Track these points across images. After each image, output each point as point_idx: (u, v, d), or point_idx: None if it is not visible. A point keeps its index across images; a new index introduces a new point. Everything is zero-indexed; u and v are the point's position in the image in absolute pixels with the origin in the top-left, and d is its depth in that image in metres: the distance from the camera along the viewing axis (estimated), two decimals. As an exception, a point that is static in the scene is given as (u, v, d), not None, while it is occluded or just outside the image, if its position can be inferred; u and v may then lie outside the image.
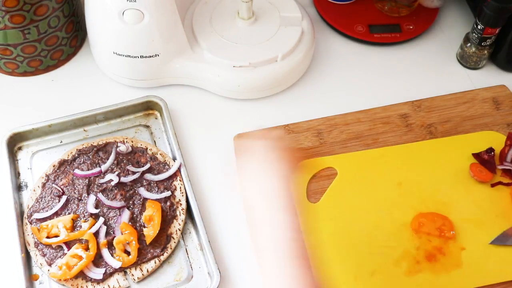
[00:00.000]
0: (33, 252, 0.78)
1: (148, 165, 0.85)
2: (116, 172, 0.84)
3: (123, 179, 0.83)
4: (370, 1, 1.07)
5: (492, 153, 0.87)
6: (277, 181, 0.64)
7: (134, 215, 0.81)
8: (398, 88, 0.98)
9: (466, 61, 1.01)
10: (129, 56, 0.90)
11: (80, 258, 0.76)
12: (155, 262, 0.78)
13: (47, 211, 0.80)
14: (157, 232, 0.78)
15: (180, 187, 0.84)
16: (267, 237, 0.63)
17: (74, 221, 0.80)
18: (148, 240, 0.78)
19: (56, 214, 0.80)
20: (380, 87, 0.99)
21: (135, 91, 0.95)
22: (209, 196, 0.85)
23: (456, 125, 0.92)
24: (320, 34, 1.05)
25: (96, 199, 0.81)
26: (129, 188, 0.83)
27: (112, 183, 0.82)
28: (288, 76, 0.95)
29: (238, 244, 0.81)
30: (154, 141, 0.90)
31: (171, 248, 0.79)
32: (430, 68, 1.02)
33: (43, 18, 0.90)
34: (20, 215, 0.81)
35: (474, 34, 0.96)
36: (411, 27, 1.04)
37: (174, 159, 0.87)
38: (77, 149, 0.86)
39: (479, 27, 0.94)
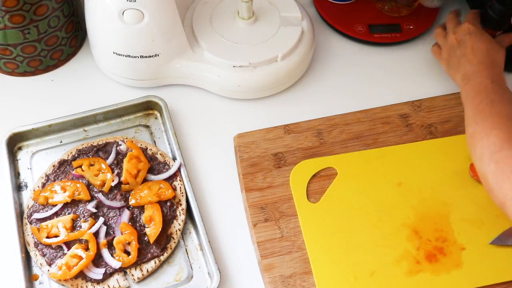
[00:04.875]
0: (33, 252, 0.78)
1: (148, 165, 0.85)
2: (116, 172, 0.84)
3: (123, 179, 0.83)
4: (370, 1, 1.07)
5: (492, 153, 0.87)
6: None
7: (134, 215, 0.81)
8: (398, 88, 0.98)
9: (466, 61, 1.01)
10: (129, 56, 0.90)
11: (80, 258, 0.76)
12: (155, 262, 0.78)
13: (47, 211, 0.80)
14: (159, 231, 0.78)
15: (180, 187, 0.84)
16: None
17: (74, 221, 0.80)
18: (152, 239, 0.78)
19: (56, 214, 0.80)
20: (380, 87, 0.99)
21: (135, 91, 0.95)
22: (209, 196, 0.85)
23: (456, 125, 0.92)
24: (320, 34, 1.05)
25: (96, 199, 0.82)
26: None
27: (112, 183, 0.82)
28: (288, 76, 0.95)
29: (238, 244, 0.81)
30: (154, 141, 0.90)
31: (171, 248, 0.79)
32: (430, 68, 1.02)
33: (43, 18, 0.90)
34: (20, 215, 0.81)
35: None
36: (411, 27, 1.04)
37: (174, 159, 0.87)
38: (77, 149, 0.86)
39: None
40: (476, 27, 0.87)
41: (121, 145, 0.86)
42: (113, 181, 0.82)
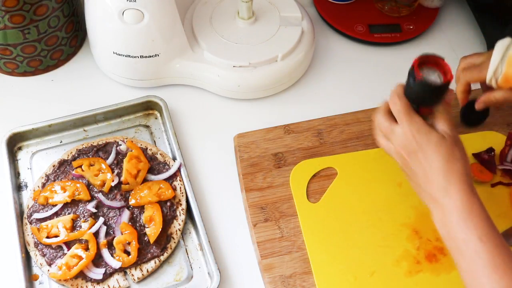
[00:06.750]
0: (33, 252, 0.78)
1: (148, 165, 0.85)
2: (116, 172, 0.84)
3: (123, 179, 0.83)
4: (370, 1, 1.07)
5: (492, 153, 0.87)
6: None
7: (134, 215, 0.81)
8: (398, 88, 0.98)
9: (466, 61, 1.00)
10: (129, 56, 0.90)
11: (80, 258, 0.76)
12: (155, 262, 0.78)
13: (47, 211, 0.80)
14: (159, 231, 0.78)
15: (180, 187, 0.83)
16: None
17: (74, 221, 0.80)
18: (152, 239, 0.78)
19: (56, 214, 0.80)
20: (380, 87, 0.98)
21: (135, 91, 0.95)
22: (209, 196, 0.85)
23: (455, 125, 0.91)
24: (320, 34, 1.05)
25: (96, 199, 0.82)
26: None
27: (112, 183, 0.82)
28: (288, 76, 0.95)
29: (238, 244, 0.81)
30: (154, 141, 0.90)
31: (171, 248, 0.79)
32: (430, 68, 1.02)
33: (43, 18, 0.90)
34: (20, 215, 0.81)
35: None
36: (411, 27, 1.04)
37: (174, 159, 0.87)
38: (77, 149, 0.86)
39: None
40: (454, 131, 0.67)
41: (121, 145, 0.86)
42: (113, 181, 0.82)
